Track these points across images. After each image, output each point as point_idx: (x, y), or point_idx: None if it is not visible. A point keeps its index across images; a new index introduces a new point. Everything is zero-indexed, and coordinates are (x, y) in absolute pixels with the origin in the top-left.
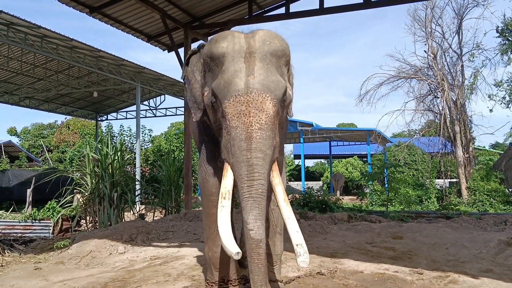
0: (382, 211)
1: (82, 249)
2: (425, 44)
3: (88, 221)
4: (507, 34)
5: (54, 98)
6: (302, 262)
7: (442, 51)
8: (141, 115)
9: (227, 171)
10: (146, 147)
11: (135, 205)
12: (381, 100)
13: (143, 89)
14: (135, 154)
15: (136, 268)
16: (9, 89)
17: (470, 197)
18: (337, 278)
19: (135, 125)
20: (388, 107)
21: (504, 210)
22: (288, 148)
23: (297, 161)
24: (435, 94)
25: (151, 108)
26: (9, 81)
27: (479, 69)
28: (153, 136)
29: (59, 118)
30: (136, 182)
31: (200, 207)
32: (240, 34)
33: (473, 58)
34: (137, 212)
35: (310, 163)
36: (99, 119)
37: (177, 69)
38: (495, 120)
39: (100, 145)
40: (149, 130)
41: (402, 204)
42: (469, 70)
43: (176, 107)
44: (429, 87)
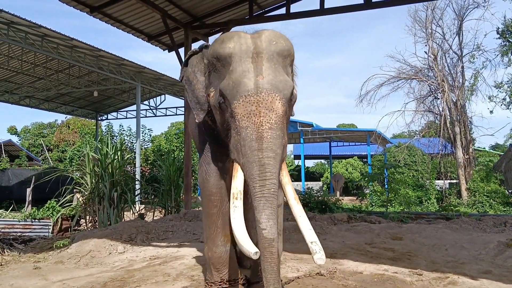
0: (382, 212)
1: (82, 248)
2: (426, 45)
3: (87, 220)
4: (507, 36)
5: (54, 97)
6: (318, 259)
7: (443, 52)
8: (141, 115)
9: (237, 171)
10: (146, 146)
11: (134, 205)
12: (381, 100)
13: (143, 89)
14: (135, 153)
15: (135, 268)
16: (9, 88)
17: (470, 198)
18: (337, 278)
19: (135, 125)
20: (388, 108)
21: (503, 211)
22: (288, 148)
23: (297, 162)
24: (435, 95)
25: (151, 107)
26: (10, 80)
27: (479, 70)
28: (153, 136)
29: (59, 117)
30: (136, 182)
31: (199, 207)
32: (246, 34)
33: (474, 59)
34: (137, 212)
35: (310, 163)
36: (99, 118)
37: (178, 69)
38: (495, 122)
39: (100, 145)
40: (149, 129)
41: (402, 205)
42: (470, 71)
43: (176, 107)
44: (430, 88)
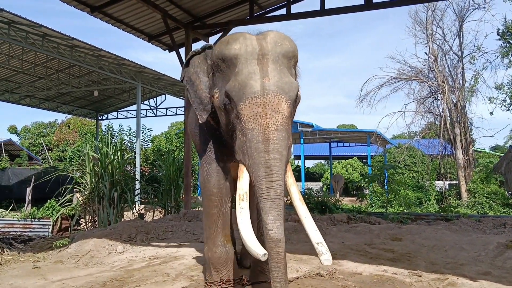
0: (382, 213)
1: (81, 248)
2: (426, 46)
3: (87, 220)
4: (507, 37)
5: (55, 96)
6: (325, 260)
7: (443, 53)
8: (141, 115)
9: (243, 172)
10: (146, 146)
11: (134, 205)
12: (381, 101)
13: (143, 89)
14: (135, 153)
15: (135, 268)
16: (9, 88)
17: (470, 200)
18: (336, 279)
19: (135, 125)
20: (389, 109)
21: (503, 212)
22: None
23: (297, 162)
24: (436, 96)
25: (152, 107)
26: (10, 80)
27: (479, 71)
28: (153, 136)
29: (60, 117)
30: (136, 182)
31: (199, 207)
32: (251, 35)
33: (474, 60)
34: (137, 212)
35: (310, 164)
36: (99, 118)
37: (178, 69)
38: (495, 123)
39: (100, 144)
40: (148, 129)
41: (402, 205)
42: (470, 72)
43: (176, 107)
44: (430, 89)
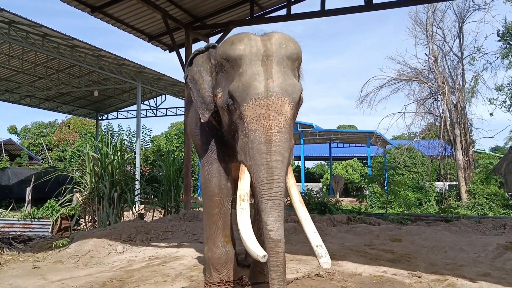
0: (382, 214)
1: (81, 248)
2: (426, 47)
3: (87, 220)
4: (508, 38)
5: (55, 96)
6: (324, 263)
7: (443, 54)
8: (141, 115)
9: (244, 173)
10: (146, 147)
11: (134, 205)
12: (381, 102)
13: (143, 89)
14: (135, 153)
15: (134, 268)
16: (10, 87)
17: (470, 201)
18: (336, 280)
19: (135, 125)
20: (389, 110)
21: (503, 214)
22: None
23: (297, 162)
24: (436, 97)
25: (152, 108)
26: (10, 79)
27: (479, 72)
28: (153, 136)
29: (60, 117)
30: (136, 182)
31: (199, 208)
32: (256, 36)
33: (474, 61)
34: (136, 212)
35: (310, 164)
36: (99, 118)
37: (178, 69)
38: (495, 124)
39: (100, 145)
40: (148, 129)
41: (402, 206)
42: (470, 73)
43: (176, 107)
44: (430, 90)
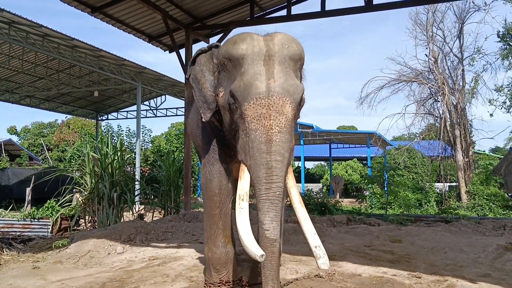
0: (381, 214)
1: (81, 248)
2: (426, 48)
3: (87, 220)
4: (508, 39)
5: (55, 97)
6: (323, 264)
7: (443, 55)
8: (141, 115)
9: (244, 172)
10: (146, 147)
11: (134, 205)
12: (381, 103)
13: (143, 89)
14: (135, 154)
15: (134, 269)
16: (10, 88)
17: (470, 201)
18: (335, 281)
19: (135, 125)
20: (389, 110)
21: (503, 214)
22: None
23: (297, 163)
24: (436, 98)
25: (152, 108)
26: (10, 80)
27: (479, 73)
28: (153, 137)
29: (60, 117)
30: (136, 182)
31: (199, 208)
32: (258, 36)
33: (474, 62)
34: (136, 212)
35: (310, 165)
36: (99, 118)
37: (178, 70)
38: (495, 125)
39: (100, 145)
40: (148, 130)
41: (402, 207)
42: (470, 74)
43: (176, 108)
44: (430, 91)
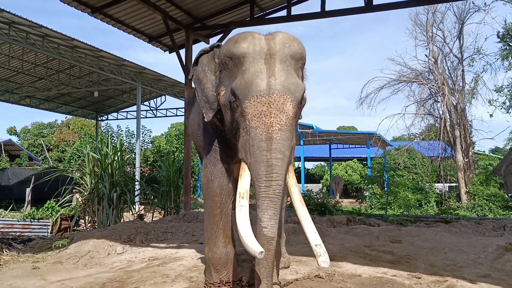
0: (381, 215)
1: (81, 249)
2: (426, 48)
3: (87, 221)
4: (507, 40)
5: (55, 97)
6: (323, 262)
7: (443, 55)
8: (141, 116)
9: (244, 170)
10: (146, 147)
11: (134, 206)
12: (381, 103)
13: (143, 90)
14: (134, 154)
15: (134, 269)
16: (9, 88)
17: (470, 202)
18: (335, 281)
19: (135, 126)
20: (389, 111)
21: (503, 215)
22: None
23: (297, 164)
24: (436, 98)
25: (152, 108)
26: (10, 80)
27: (479, 74)
28: (153, 137)
29: (60, 117)
30: (136, 183)
31: (199, 209)
32: (260, 35)
33: (474, 63)
34: (136, 213)
35: (310, 165)
36: (99, 119)
37: (178, 70)
38: (495, 125)
39: (100, 145)
40: (148, 130)
41: (401, 207)
42: (470, 74)
43: (176, 108)
44: (430, 91)
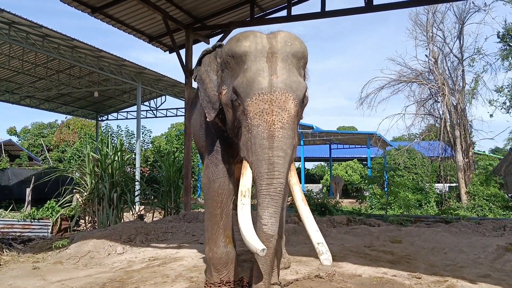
0: (381, 215)
1: (81, 249)
2: (426, 49)
3: (87, 221)
4: (508, 40)
5: (55, 97)
6: (325, 260)
7: (443, 55)
8: (141, 116)
9: (246, 169)
10: (146, 147)
11: (134, 206)
12: (381, 103)
13: (144, 90)
14: (134, 154)
15: (134, 269)
16: (10, 88)
17: (470, 202)
18: (336, 281)
19: (135, 126)
20: (389, 111)
21: (503, 215)
22: None
23: (297, 164)
24: (436, 99)
25: (152, 108)
26: (10, 80)
27: (480, 74)
28: (153, 137)
29: (60, 118)
30: (136, 183)
31: (199, 209)
32: (262, 34)
33: (474, 63)
34: (136, 213)
35: (310, 165)
36: (99, 119)
37: (178, 70)
38: (495, 125)
39: (100, 145)
40: (148, 130)
41: (402, 208)
42: (470, 75)
43: (176, 108)
44: (430, 91)
